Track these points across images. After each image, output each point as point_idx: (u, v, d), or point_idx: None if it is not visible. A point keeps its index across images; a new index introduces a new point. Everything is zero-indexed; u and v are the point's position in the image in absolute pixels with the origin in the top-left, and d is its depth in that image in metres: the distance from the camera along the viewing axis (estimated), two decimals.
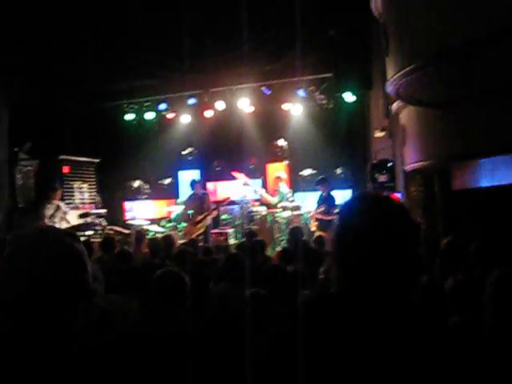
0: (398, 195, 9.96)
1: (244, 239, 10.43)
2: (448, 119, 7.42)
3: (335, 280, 1.80)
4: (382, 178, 10.04)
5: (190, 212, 12.39)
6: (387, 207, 1.81)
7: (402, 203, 2.05)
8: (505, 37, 4.75)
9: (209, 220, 12.36)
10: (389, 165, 10.25)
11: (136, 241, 9.70)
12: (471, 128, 7.02)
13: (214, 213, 12.64)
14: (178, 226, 13.27)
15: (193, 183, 12.59)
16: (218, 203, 13.05)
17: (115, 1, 11.91)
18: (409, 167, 9.32)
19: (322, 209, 11.34)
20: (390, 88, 6.94)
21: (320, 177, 12.00)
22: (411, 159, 9.05)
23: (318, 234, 10.61)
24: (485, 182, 8.36)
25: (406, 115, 8.91)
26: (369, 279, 1.72)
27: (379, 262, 1.71)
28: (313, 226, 11.68)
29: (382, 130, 11.12)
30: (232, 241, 12.66)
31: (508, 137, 6.40)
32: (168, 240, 8.60)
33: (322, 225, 11.26)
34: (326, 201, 11.49)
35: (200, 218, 12.12)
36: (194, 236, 11.69)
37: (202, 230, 12.10)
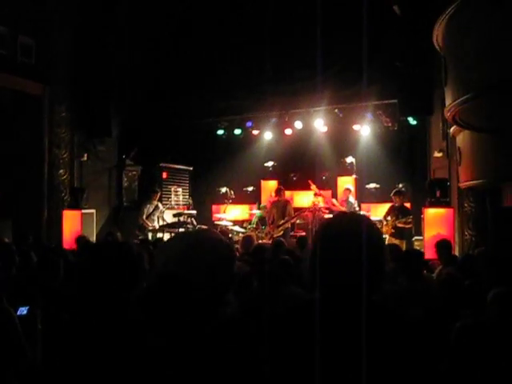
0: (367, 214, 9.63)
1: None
2: (498, 143, 7.16)
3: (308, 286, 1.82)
4: (438, 194, 9.74)
5: (271, 215, 12.39)
6: (354, 224, 1.80)
7: (370, 220, 2.02)
8: None
9: (288, 225, 12.30)
10: (445, 183, 9.93)
11: None
12: None
13: (294, 219, 12.59)
14: (260, 228, 13.34)
15: (279, 190, 12.53)
16: (299, 211, 12.94)
17: (213, 38, 12.25)
18: (463, 185, 9.04)
19: (405, 219, 11.09)
20: (447, 115, 6.76)
21: (398, 189, 11.74)
22: (465, 178, 8.77)
23: (393, 242, 10.44)
24: None
25: (462, 138, 8.64)
26: (335, 285, 1.72)
27: (344, 271, 1.71)
28: (386, 234, 11.38)
29: (440, 151, 10.86)
30: None
31: None
32: (247, 239, 8.58)
33: (398, 233, 11.06)
34: (401, 211, 11.21)
35: (282, 222, 12.06)
36: (273, 238, 11.69)
37: (281, 233, 12.02)
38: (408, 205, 12.60)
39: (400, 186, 13.00)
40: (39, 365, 3.15)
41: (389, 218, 11.34)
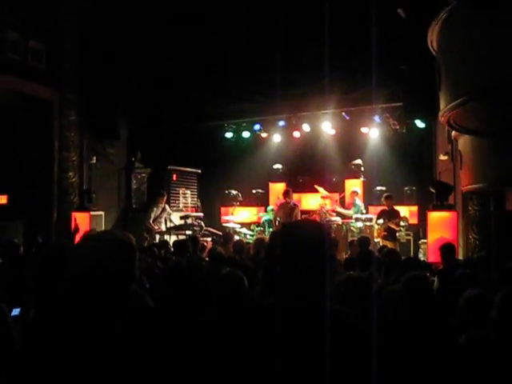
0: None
1: None
2: (497, 147, 7.21)
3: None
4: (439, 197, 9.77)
5: (279, 218, 12.48)
6: (307, 230, 1.89)
7: (322, 226, 2.11)
8: None
9: None
10: (449, 186, 9.95)
11: (224, 241, 9.94)
12: None
13: None
14: (267, 230, 13.44)
15: (287, 192, 12.58)
16: (306, 214, 13.00)
17: (222, 41, 12.40)
18: (464, 189, 9.08)
19: (396, 220, 11.22)
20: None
21: (386, 194, 11.84)
22: (467, 181, 8.81)
23: (386, 244, 10.53)
24: None
25: (462, 142, 8.69)
26: (289, 289, 1.81)
27: (295, 276, 1.80)
28: (377, 237, 11.49)
29: (446, 154, 10.89)
30: None
31: None
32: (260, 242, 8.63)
33: (390, 235, 11.15)
34: (391, 214, 11.32)
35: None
36: None
37: None
38: (415, 208, 12.70)
39: (406, 188, 13.06)
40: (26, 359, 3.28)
41: (380, 221, 11.44)
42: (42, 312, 4.03)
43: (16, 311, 4.34)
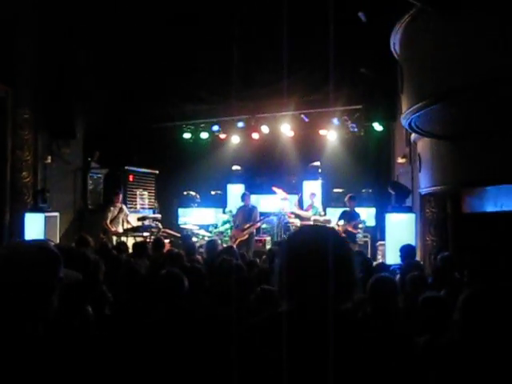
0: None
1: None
2: (456, 150, 7.32)
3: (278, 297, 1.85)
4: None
5: (238, 220, 12.43)
6: (322, 236, 1.82)
7: (338, 233, 2.06)
8: (497, 84, 4.67)
9: (253, 229, 12.34)
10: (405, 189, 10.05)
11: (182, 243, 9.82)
12: (476, 159, 6.92)
13: (259, 224, 12.65)
14: (224, 232, 13.38)
15: (244, 196, 12.52)
16: (264, 216, 12.96)
17: (181, 40, 12.26)
18: (423, 191, 9.21)
19: (353, 223, 11.30)
20: (403, 122, 6.89)
21: (351, 194, 11.87)
22: (425, 184, 8.94)
23: None
24: (489, 208, 8.21)
25: (422, 145, 8.82)
26: (304, 297, 1.74)
27: (312, 282, 1.73)
28: None
29: (404, 157, 11.03)
30: (269, 247, 12.64)
31: (509, 169, 6.28)
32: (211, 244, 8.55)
33: (349, 237, 11.17)
34: (351, 216, 11.41)
35: (247, 226, 12.07)
36: (237, 241, 11.78)
37: (246, 237, 12.05)
38: (373, 210, 12.81)
39: (363, 191, 13.18)
40: None
41: (341, 222, 11.52)
42: None
43: None
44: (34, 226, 11.10)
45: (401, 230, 9.54)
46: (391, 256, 9.20)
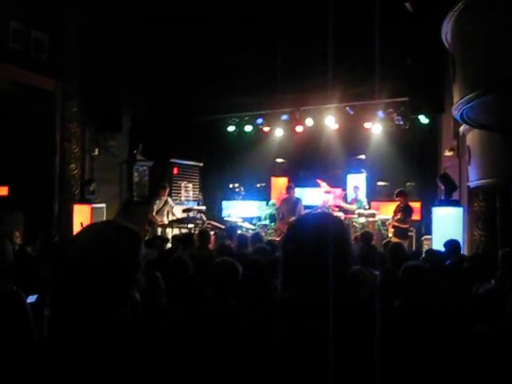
0: None
1: None
2: (508, 142, 7.12)
3: (279, 285, 1.86)
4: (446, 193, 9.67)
5: (282, 212, 12.37)
6: (324, 223, 1.84)
7: (340, 220, 2.12)
8: None
9: None
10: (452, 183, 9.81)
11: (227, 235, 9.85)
12: None
13: None
14: (269, 224, 13.36)
15: (289, 188, 12.48)
16: (309, 209, 12.86)
17: (226, 34, 12.30)
18: (472, 184, 9.00)
19: (398, 217, 11.05)
20: (455, 112, 6.72)
21: (400, 189, 11.56)
22: (475, 177, 8.73)
23: (394, 240, 10.36)
24: None
25: (472, 137, 8.60)
26: (307, 284, 1.75)
27: (315, 269, 1.74)
28: (390, 233, 11.35)
29: (451, 150, 10.80)
30: None
31: None
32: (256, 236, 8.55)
33: (398, 232, 10.98)
34: (404, 211, 11.15)
35: (292, 219, 12.01)
36: (282, 235, 11.71)
37: None
38: (418, 204, 12.56)
39: (408, 184, 12.91)
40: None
41: (396, 217, 11.30)
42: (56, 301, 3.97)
43: (32, 298, 4.34)
44: (82, 217, 11.30)
45: (448, 225, 9.36)
46: None
